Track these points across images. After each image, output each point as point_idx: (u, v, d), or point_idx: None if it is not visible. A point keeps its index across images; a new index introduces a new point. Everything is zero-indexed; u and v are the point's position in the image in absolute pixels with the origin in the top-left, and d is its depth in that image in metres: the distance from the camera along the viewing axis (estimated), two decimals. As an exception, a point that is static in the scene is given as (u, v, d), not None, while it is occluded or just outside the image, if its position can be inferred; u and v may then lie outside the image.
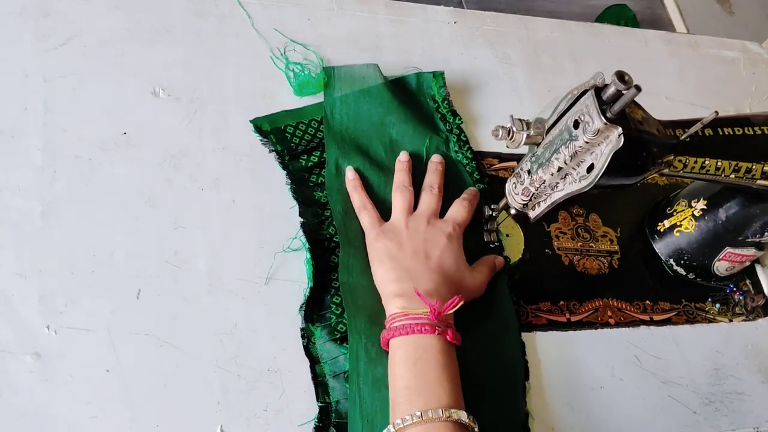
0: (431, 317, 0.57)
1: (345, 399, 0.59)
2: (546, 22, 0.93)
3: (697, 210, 0.75)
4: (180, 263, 0.61)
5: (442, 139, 0.75)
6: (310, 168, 0.69)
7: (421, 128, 0.74)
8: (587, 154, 0.56)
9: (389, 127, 0.73)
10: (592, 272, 0.75)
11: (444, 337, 0.57)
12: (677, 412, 0.70)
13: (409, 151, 0.72)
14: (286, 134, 0.69)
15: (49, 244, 0.58)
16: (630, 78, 0.51)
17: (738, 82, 1.01)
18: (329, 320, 0.62)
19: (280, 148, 0.68)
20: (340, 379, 0.60)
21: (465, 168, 0.74)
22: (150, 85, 0.68)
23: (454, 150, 0.75)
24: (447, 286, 0.61)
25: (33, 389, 0.53)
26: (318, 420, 0.58)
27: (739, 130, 0.63)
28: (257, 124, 0.69)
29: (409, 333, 0.56)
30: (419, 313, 0.57)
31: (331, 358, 0.61)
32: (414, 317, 0.57)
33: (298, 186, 0.67)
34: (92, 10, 0.70)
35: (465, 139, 0.76)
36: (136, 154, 0.64)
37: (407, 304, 0.58)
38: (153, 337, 0.57)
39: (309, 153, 0.70)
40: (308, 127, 0.70)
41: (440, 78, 0.79)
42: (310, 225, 0.65)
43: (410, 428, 0.53)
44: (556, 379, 0.67)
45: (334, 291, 0.63)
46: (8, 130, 0.62)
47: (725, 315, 0.79)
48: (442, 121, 0.77)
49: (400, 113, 0.73)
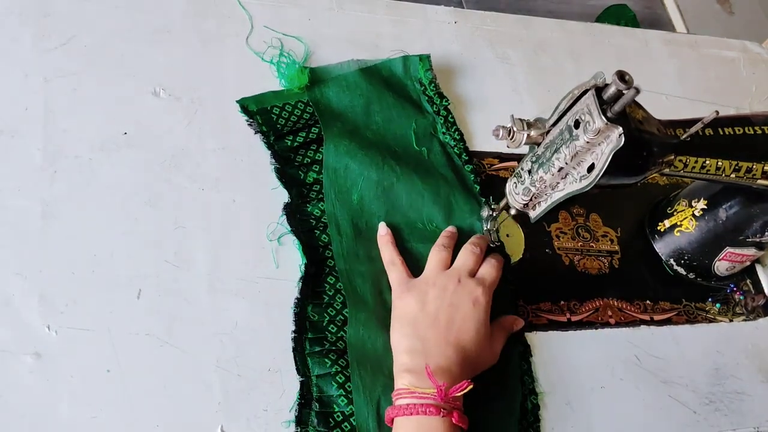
0: (438, 398, 0.55)
1: (326, 374, 0.59)
2: (546, 22, 0.93)
3: (698, 210, 0.75)
4: (180, 263, 0.61)
5: (428, 121, 0.76)
6: (296, 148, 0.69)
7: (406, 112, 0.74)
8: (588, 153, 0.56)
9: (374, 115, 0.73)
10: (593, 272, 0.75)
11: (449, 420, 0.55)
12: (677, 412, 0.70)
13: (397, 135, 0.72)
14: (272, 115, 0.69)
15: (49, 244, 0.58)
16: (630, 78, 0.51)
17: (738, 82, 1.01)
18: (323, 300, 0.63)
19: (266, 129, 0.69)
20: (322, 355, 0.60)
21: (453, 150, 0.75)
22: (150, 85, 0.68)
23: (441, 132, 0.76)
24: (460, 363, 0.59)
25: (33, 389, 0.53)
26: (300, 396, 0.58)
27: (740, 130, 0.63)
28: (243, 104, 0.69)
29: (413, 413, 0.55)
30: (426, 393, 0.56)
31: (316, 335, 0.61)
32: (420, 396, 0.56)
33: (283, 166, 0.68)
34: (92, 10, 0.70)
35: (452, 121, 0.76)
36: (136, 154, 0.64)
37: (415, 381, 0.57)
38: (153, 337, 0.57)
39: (295, 134, 0.70)
40: (294, 108, 0.70)
41: (426, 61, 0.79)
42: (294, 205, 0.66)
43: None
44: (556, 379, 0.67)
45: (329, 270, 0.64)
46: (8, 130, 0.62)
47: (725, 315, 0.79)
48: (429, 104, 0.77)
49: (382, 100, 0.74)
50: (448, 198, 0.71)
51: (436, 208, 0.70)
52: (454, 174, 0.73)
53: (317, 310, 0.62)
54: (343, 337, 0.61)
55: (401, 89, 0.77)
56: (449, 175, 0.73)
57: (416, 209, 0.69)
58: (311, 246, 0.65)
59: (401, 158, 0.71)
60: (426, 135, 0.74)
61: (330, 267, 0.64)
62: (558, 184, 0.60)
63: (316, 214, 0.66)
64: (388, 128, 0.73)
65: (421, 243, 0.68)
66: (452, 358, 0.59)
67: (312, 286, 0.63)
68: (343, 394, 0.59)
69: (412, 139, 0.73)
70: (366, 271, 0.65)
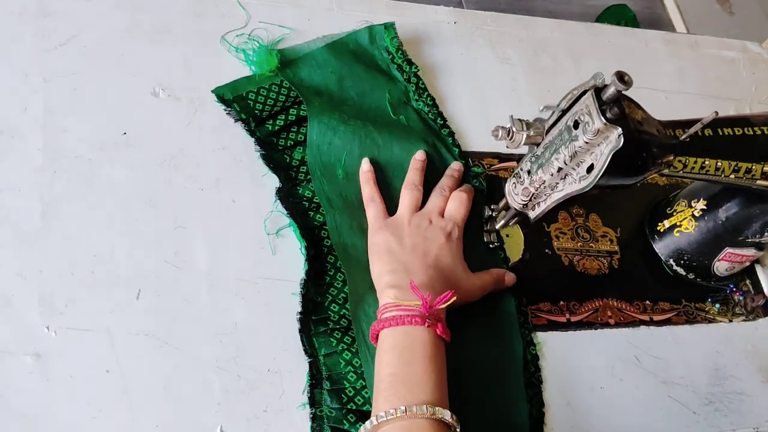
0: (423, 310, 0.57)
1: (333, 352, 0.60)
2: (546, 22, 0.93)
3: (697, 210, 0.75)
4: (180, 263, 0.61)
5: (401, 89, 0.76)
6: (278, 132, 0.69)
7: (378, 83, 0.75)
8: (587, 154, 0.56)
9: (348, 90, 0.74)
10: (592, 272, 0.75)
11: (434, 330, 0.57)
12: (677, 412, 0.70)
13: (373, 107, 0.73)
14: (249, 101, 0.69)
15: (49, 244, 0.58)
16: (630, 78, 0.51)
17: (738, 82, 1.01)
18: (324, 280, 0.64)
19: (245, 116, 0.69)
20: (327, 334, 0.61)
21: (428, 115, 0.76)
22: (150, 85, 0.68)
23: (414, 99, 0.76)
24: (442, 282, 0.61)
25: (33, 389, 0.53)
26: (310, 377, 0.59)
27: (739, 130, 0.63)
28: (219, 93, 0.69)
29: (399, 324, 0.57)
30: (411, 305, 0.57)
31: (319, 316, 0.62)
32: (405, 308, 0.57)
33: (268, 151, 0.68)
34: (92, 10, 0.70)
35: (423, 87, 0.77)
36: (136, 154, 0.64)
37: (400, 295, 0.59)
38: (153, 337, 0.57)
39: (274, 117, 0.70)
40: (269, 91, 0.70)
41: (391, 29, 0.79)
42: (285, 189, 0.66)
43: (392, 422, 0.52)
44: (556, 379, 0.67)
45: (327, 249, 0.65)
46: (8, 130, 0.62)
47: (725, 315, 0.79)
48: (399, 72, 0.78)
49: (353, 75, 0.74)
50: (430, 162, 0.72)
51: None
52: (434, 138, 0.75)
53: (320, 290, 0.63)
54: (346, 315, 0.62)
55: (370, 60, 0.78)
56: (429, 140, 0.74)
57: (399, 178, 0.70)
58: (307, 228, 0.65)
59: (381, 130, 0.72)
60: (400, 104, 0.76)
61: (327, 247, 0.65)
62: (557, 184, 0.60)
63: (307, 195, 0.67)
64: (363, 102, 0.74)
65: None
66: (433, 276, 0.61)
67: (315, 267, 0.64)
68: (352, 370, 0.60)
69: (388, 110, 0.74)
70: (359, 243, 0.66)
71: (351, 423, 0.58)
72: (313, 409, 0.58)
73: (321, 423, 0.58)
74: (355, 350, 0.61)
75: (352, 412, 0.58)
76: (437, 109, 0.77)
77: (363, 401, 0.59)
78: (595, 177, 0.55)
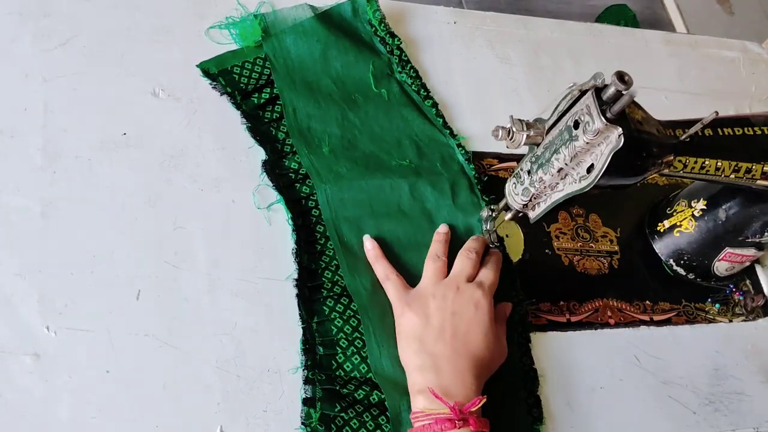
0: (453, 416, 0.55)
1: (324, 320, 0.62)
2: (546, 22, 0.93)
3: (697, 210, 0.75)
4: (180, 263, 0.61)
5: (384, 62, 0.77)
6: (263, 105, 0.70)
7: (363, 55, 0.76)
8: (587, 154, 0.56)
9: (332, 61, 0.74)
10: (592, 272, 0.75)
11: (467, 428, 0.55)
12: (677, 412, 0.70)
13: (356, 79, 0.74)
14: (234, 75, 0.70)
15: (49, 244, 0.58)
16: (630, 78, 0.51)
17: (738, 82, 1.01)
18: (315, 248, 0.65)
19: (231, 90, 0.69)
20: (320, 302, 0.63)
21: (411, 87, 0.77)
22: (150, 85, 0.68)
23: (397, 71, 0.77)
24: (473, 370, 0.59)
25: (33, 389, 0.53)
26: (303, 342, 0.60)
27: (739, 130, 0.63)
28: (204, 67, 0.70)
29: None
30: (441, 413, 0.56)
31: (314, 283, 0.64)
32: (435, 417, 0.56)
33: (254, 124, 0.69)
34: (92, 10, 0.70)
35: (406, 59, 0.78)
36: (136, 154, 0.64)
37: (429, 403, 0.57)
38: (153, 337, 0.57)
39: (259, 91, 0.71)
40: (254, 65, 0.71)
41: (374, 2, 0.79)
42: (271, 161, 0.67)
43: None
44: (555, 379, 0.67)
45: (315, 219, 0.66)
46: (8, 130, 0.62)
47: (725, 315, 0.79)
48: (382, 44, 0.78)
49: (339, 45, 0.75)
50: (412, 136, 0.73)
51: (404, 146, 0.73)
52: (417, 111, 0.75)
53: (312, 257, 0.64)
54: (339, 282, 0.63)
55: (353, 33, 0.78)
56: (412, 114, 0.75)
57: (387, 152, 0.71)
58: (294, 200, 0.66)
59: (360, 106, 0.73)
60: (383, 76, 0.76)
61: (315, 216, 0.66)
62: (557, 184, 0.60)
63: (293, 167, 0.68)
64: (347, 73, 0.75)
65: (404, 178, 0.70)
66: (464, 368, 0.59)
67: (304, 236, 0.65)
68: (343, 337, 0.61)
69: (371, 82, 0.75)
70: (351, 216, 0.67)
71: (341, 385, 0.59)
72: (306, 373, 0.59)
73: (314, 386, 0.59)
74: (347, 317, 0.62)
75: (342, 378, 0.60)
76: (420, 80, 0.78)
77: (352, 367, 0.60)
78: (595, 177, 0.55)
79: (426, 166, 0.72)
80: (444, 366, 0.58)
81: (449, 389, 0.57)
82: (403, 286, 0.64)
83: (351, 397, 0.59)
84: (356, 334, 0.62)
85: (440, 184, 0.71)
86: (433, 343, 0.59)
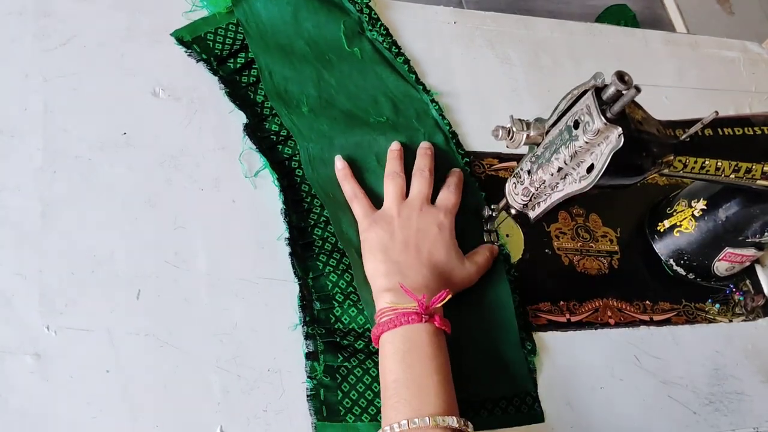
0: (419, 310, 0.58)
1: (320, 275, 0.63)
2: (546, 22, 0.93)
3: (697, 210, 0.76)
4: (180, 263, 0.61)
5: (354, 20, 0.78)
6: (240, 69, 0.71)
7: (333, 15, 0.76)
8: (587, 154, 0.56)
9: (303, 22, 0.75)
10: (592, 272, 0.75)
11: (432, 324, 0.58)
12: (677, 412, 0.70)
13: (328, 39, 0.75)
14: (208, 42, 0.71)
15: (49, 244, 0.58)
16: (630, 78, 0.51)
17: (738, 82, 1.01)
18: (302, 207, 0.66)
19: (206, 56, 0.70)
20: (313, 259, 0.64)
21: (382, 45, 0.77)
22: (150, 85, 0.68)
23: (368, 29, 0.78)
24: (436, 279, 0.62)
25: (33, 389, 0.53)
26: (300, 299, 0.62)
27: (739, 130, 0.63)
28: (178, 36, 0.70)
29: (396, 325, 0.57)
30: (407, 308, 0.58)
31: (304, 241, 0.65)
32: (402, 311, 0.58)
33: (232, 89, 0.69)
34: (92, 10, 0.70)
35: (376, 17, 0.79)
36: (136, 154, 0.64)
37: (396, 299, 0.59)
38: (153, 337, 0.57)
39: (234, 56, 0.71)
40: (227, 31, 0.72)
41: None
42: (253, 124, 0.68)
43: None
44: (555, 379, 0.67)
45: (300, 180, 0.67)
46: (8, 130, 0.62)
47: (725, 315, 0.79)
48: (350, 3, 0.78)
49: (308, 6, 0.75)
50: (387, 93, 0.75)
51: (380, 104, 0.74)
52: (390, 68, 0.76)
53: (301, 216, 0.65)
54: (329, 239, 0.65)
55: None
56: (385, 71, 0.76)
57: (364, 110, 0.73)
58: (278, 161, 0.67)
59: (335, 66, 0.74)
60: (354, 35, 0.77)
61: (300, 177, 0.67)
62: (557, 184, 0.60)
63: (274, 129, 0.69)
64: (319, 34, 0.75)
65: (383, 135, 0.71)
66: (428, 275, 0.62)
67: (291, 196, 0.66)
68: (338, 291, 0.63)
69: (343, 42, 0.76)
70: (333, 174, 0.68)
71: (341, 336, 0.61)
72: (305, 328, 0.61)
73: (314, 340, 0.60)
74: (341, 272, 0.63)
75: (341, 330, 0.62)
76: (391, 38, 0.78)
77: (349, 320, 0.62)
78: (595, 177, 0.55)
79: (402, 122, 0.74)
80: (409, 272, 0.61)
81: (414, 291, 0.59)
82: (369, 205, 0.66)
83: (351, 347, 0.61)
84: (350, 288, 0.63)
85: (417, 138, 0.73)
86: (397, 253, 0.62)
